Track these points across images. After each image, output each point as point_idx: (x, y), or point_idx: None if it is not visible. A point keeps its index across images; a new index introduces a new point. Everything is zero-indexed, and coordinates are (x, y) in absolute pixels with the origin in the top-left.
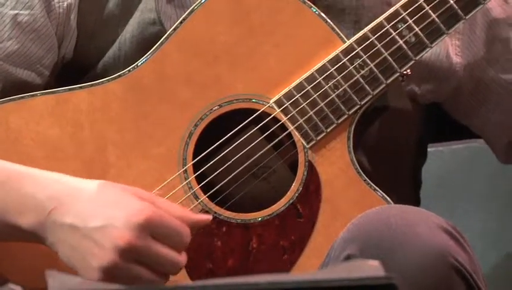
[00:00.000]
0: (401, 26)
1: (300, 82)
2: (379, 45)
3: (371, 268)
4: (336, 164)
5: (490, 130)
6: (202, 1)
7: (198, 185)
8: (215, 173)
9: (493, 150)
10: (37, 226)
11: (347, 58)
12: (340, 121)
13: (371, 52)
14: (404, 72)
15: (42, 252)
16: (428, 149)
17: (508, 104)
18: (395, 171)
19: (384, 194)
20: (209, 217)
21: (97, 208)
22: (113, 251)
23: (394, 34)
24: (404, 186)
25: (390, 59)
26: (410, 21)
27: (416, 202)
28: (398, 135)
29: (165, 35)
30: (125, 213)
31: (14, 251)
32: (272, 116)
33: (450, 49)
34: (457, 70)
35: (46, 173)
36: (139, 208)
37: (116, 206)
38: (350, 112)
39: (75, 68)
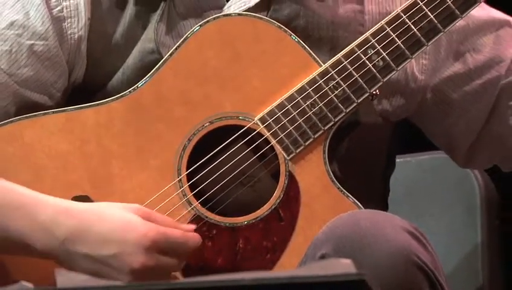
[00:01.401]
0: (371, 52)
1: (282, 101)
2: (351, 69)
3: (344, 266)
4: (312, 174)
5: (453, 139)
6: (194, 30)
7: (192, 192)
8: (207, 182)
9: (453, 156)
10: (50, 252)
11: (323, 80)
12: (316, 135)
13: (343, 74)
14: (374, 92)
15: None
16: (397, 160)
17: (468, 114)
18: (366, 180)
19: (355, 200)
20: (193, 226)
21: (107, 235)
22: (130, 273)
23: (364, 58)
24: (374, 194)
25: (360, 81)
26: (379, 47)
27: (385, 207)
28: (369, 147)
29: (162, 60)
30: (134, 237)
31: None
32: (256, 131)
33: (416, 68)
34: (422, 86)
35: (59, 201)
36: (145, 232)
37: (125, 232)
38: (325, 128)
39: (85, 90)
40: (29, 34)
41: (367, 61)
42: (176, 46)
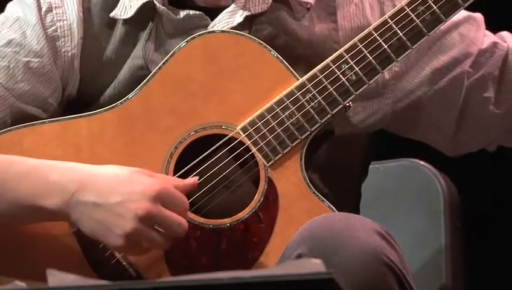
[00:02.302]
0: (344, 67)
1: (262, 112)
2: (326, 82)
3: (314, 265)
4: (290, 180)
5: (433, 135)
6: (181, 46)
7: None
8: None
9: (440, 148)
10: (63, 206)
11: (300, 92)
12: (294, 144)
13: (319, 88)
14: (347, 104)
15: (43, 252)
16: None
17: (440, 113)
18: (341, 186)
19: (330, 204)
20: (195, 180)
21: (114, 186)
22: (134, 219)
23: (338, 73)
24: (347, 198)
25: (335, 94)
26: (352, 62)
27: (357, 211)
28: (345, 156)
29: (151, 73)
30: (140, 188)
31: (18, 252)
32: (238, 140)
33: (387, 75)
34: (393, 92)
35: (66, 163)
36: (151, 183)
37: (131, 184)
38: (302, 137)
39: (79, 103)
40: (25, 52)
41: (341, 76)
42: (163, 60)
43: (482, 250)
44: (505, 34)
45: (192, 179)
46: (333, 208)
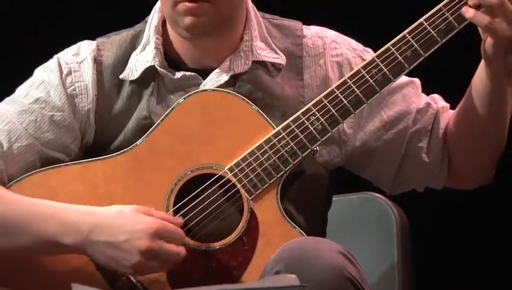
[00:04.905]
0: (312, 118)
1: (245, 155)
2: (297, 131)
3: (290, 280)
4: (268, 210)
5: (379, 175)
6: (180, 102)
7: None
8: (188, 216)
9: (381, 186)
10: (79, 244)
11: (276, 139)
12: (271, 181)
13: (292, 135)
14: (315, 148)
15: (65, 272)
16: (333, 199)
17: (387, 157)
18: (310, 214)
19: (301, 230)
20: (181, 219)
21: (120, 226)
22: (138, 254)
23: (307, 123)
24: (316, 224)
25: (304, 140)
26: (318, 115)
27: (324, 235)
28: (313, 189)
29: (155, 124)
30: (141, 227)
31: (38, 268)
32: (226, 178)
33: (346, 125)
34: (351, 138)
35: (82, 207)
36: (150, 222)
37: (134, 223)
38: (278, 175)
39: (95, 148)
40: (50, 108)
41: (309, 126)
42: (165, 114)
43: (427, 266)
44: (435, 96)
45: (180, 219)
46: (303, 232)
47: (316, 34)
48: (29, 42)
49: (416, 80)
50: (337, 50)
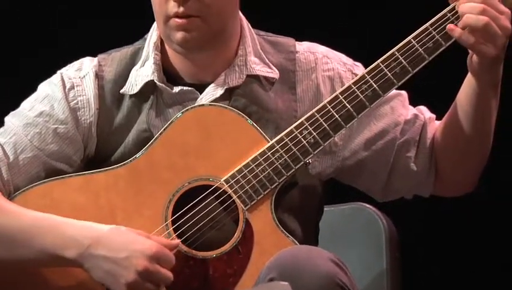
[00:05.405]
0: (305, 132)
1: (240, 167)
2: (290, 144)
3: (283, 287)
4: (263, 220)
5: (370, 184)
6: (178, 116)
7: (175, 233)
8: (186, 226)
9: (372, 195)
10: (78, 257)
11: (270, 152)
12: (266, 192)
13: (285, 148)
14: (307, 161)
15: (64, 281)
16: (324, 209)
17: (376, 167)
18: (303, 224)
19: (294, 239)
20: (179, 241)
21: (122, 244)
22: (135, 272)
23: (300, 137)
24: (308, 233)
25: (297, 153)
26: (310, 129)
27: (316, 243)
28: (306, 200)
29: (154, 137)
30: (141, 248)
31: (39, 280)
32: (222, 189)
33: (337, 137)
34: (341, 149)
35: (84, 222)
36: (149, 245)
37: (135, 243)
38: (272, 187)
39: (97, 160)
40: (53, 121)
41: (302, 139)
42: (164, 127)
43: (414, 274)
44: (421, 107)
45: (176, 241)
46: (295, 241)
47: (308, 50)
48: (29, 62)
49: (404, 93)
50: (328, 65)
